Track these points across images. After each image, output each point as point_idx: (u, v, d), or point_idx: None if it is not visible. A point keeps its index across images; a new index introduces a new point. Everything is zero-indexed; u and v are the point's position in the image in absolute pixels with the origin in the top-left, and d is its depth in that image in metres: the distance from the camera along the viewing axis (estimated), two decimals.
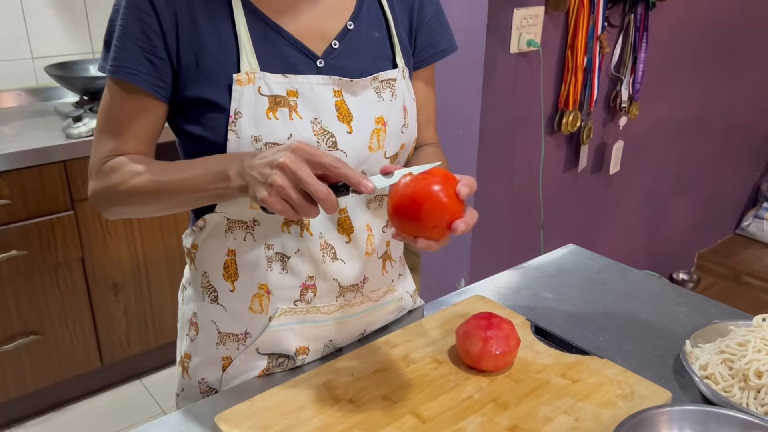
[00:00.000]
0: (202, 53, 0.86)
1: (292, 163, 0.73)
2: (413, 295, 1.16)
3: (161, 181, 0.85)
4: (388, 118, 0.95)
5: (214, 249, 0.94)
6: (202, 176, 0.83)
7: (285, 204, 0.74)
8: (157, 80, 0.86)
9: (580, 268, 1.31)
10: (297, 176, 0.73)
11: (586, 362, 0.99)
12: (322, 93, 0.89)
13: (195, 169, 0.84)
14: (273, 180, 0.73)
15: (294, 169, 0.73)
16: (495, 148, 2.10)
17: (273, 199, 0.73)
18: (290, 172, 0.73)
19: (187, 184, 0.84)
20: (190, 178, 0.83)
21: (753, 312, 1.29)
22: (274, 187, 0.73)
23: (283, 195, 0.73)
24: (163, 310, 2.47)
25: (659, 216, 2.95)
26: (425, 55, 1.05)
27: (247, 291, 0.94)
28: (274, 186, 0.73)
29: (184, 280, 1.04)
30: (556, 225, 2.41)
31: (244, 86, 0.85)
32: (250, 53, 0.86)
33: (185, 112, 0.89)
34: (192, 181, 0.83)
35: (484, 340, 0.94)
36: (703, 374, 0.95)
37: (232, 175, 0.79)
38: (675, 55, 2.59)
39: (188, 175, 0.84)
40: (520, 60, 2.04)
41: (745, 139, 3.25)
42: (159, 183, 0.85)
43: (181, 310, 1.04)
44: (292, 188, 0.73)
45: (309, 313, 0.96)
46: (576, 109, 2.20)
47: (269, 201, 0.73)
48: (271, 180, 0.73)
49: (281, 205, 0.74)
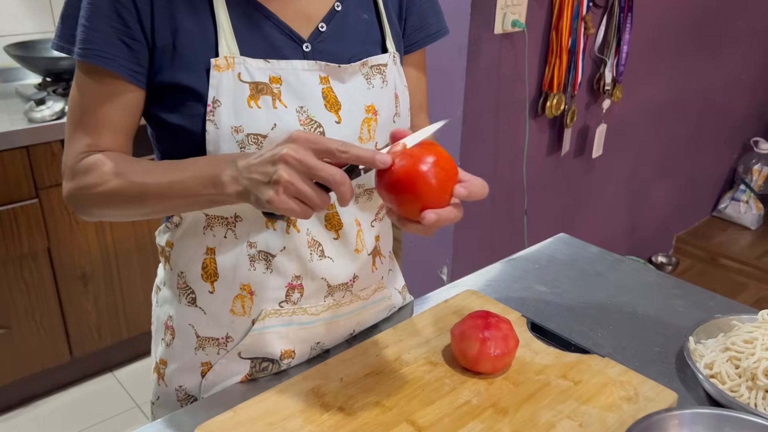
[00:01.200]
0: (178, 34, 0.78)
1: (297, 153, 0.66)
2: (402, 291, 1.10)
3: (147, 183, 0.77)
4: (379, 106, 0.88)
5: (192, 247, 0.87)
6: (191, 180, 0.75)
7: (296, 201, 0.67)
8: (134, 64, 0.78)
9: (572, 258, 1.27)
10: (305, 165, 0.65)
11: (587, 362, 0.94)
12: (308, 80, 0.82)
13: (184, 172, 0.76)
14: (279, 176, 0.66)
15: (300, 159, 0.65)
16: (478, 132, 2.04)
17: (281, 197, 0.66)
18: (296, 163, 0.66)
19: (176, 189, 0.76)
20: (179, 182, 0.76)
21: (729, 294, 1.27)
22: (281, 184, 0.66)
23: (292, 191, 0.66)
24: (135, 300, 2.38)
25: (639, 199, 2.94)
26: (416, 38, 0.99)
27: (228, 292, 0.87)
28: (280, 183, 0.66)
29: (158, 280, 0.97)
30: (539, 210, 2.37)
31: (223, 72, 0.78)
32: (229, 36, 0.79)
33: (160, 99, 0.81)
34: (181, 186, 0.76)
35: (482, 342, 0.88)
36: (708, 373, 0.91)
37: (226, 181, 0.72)
38: (658, 36, 2.55)
39: (177, 178, 0.76)
40: (504, 41, 1.98)
41: (722, 122, 3.25)
42: (144, 186, 0.77)
43: (155, 313, 0.97)
44: (302, 181, 0.66)
45: (295, 314, 0.90)
46: (560, 92, 2.15)
47: (277, 201, 0.66)
48: (277, 176, 0.66)
49: (292, 203, 0.66)
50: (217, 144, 0.79)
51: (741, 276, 3.11)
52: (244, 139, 0.79)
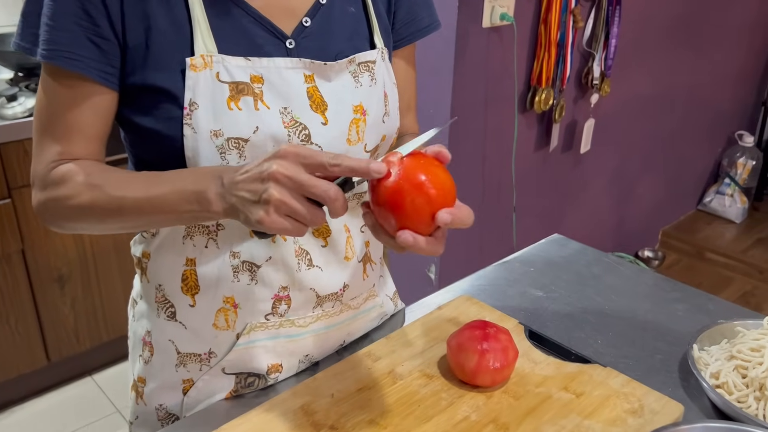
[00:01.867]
0: (151, 32, 0.72)
1: (287, 169, 0.61)
2: (394, 298, 1.05)
3: (124, 197, 0.72)
4: (368, 106, 0.83)
5: (170, 258, 0.82)
6: (173, 195, 0.69)
7: (288, 220, 0.62)
8: (104, 65, 0.72)
9: (569, 261, 1.23)
10: (296, 182, 0.61)
11: (588, 372, 0.90)
12: (292, 78, 0.77)
13: (164, 186, 0.70)
14: (269, 195, 0.61)
15: (290, 175, 0.61)
16: (466, 128, 2.00)
17: (273, 217, 0.61)
18: (287, 180, 0.61)
19: (156, 204, 0.70)
20: (160, 197, 0.70)
21: (715, 289, 1.24)
22: (272, 203, 0.61)
23: (284, 210, 0.61)
24: (114, 302, 2.31)
25: (626, 194, 2.92)
26: (405, 32, 0.93)
27: (211, 305, 0.82)
28: (271, 202, 0.61)
29: (134, 293, 0.91)
30: (527, 206, 2.34)
31: (200, 72, 0.72)
32: (206, 33, 0.73)
33: (133, 101, 0.75)
34: (162, 201, 0.70)
35: (480, 354, 0.84)
36: (714, 383, 0.88)
37: (212, 198, 0.67)
38: (645, 29, 2.52)
39: (157, 192, 0.71)
40: (492, 35, 1.93)
41: (707, 115, 3.23)
42: (121, 200, 0.72)
43: (132, 328, 0.91)
44: (293, 198, 0.61)
45: (282, 327, 0.85)
46: (549, 87, 2.11)
47: (269, 221, 0.61)
48: (267, 195, 0.61)
49: (285, 222, 0.62)
50: (195, 149, 0.73)
51: (727, 270, 3.11)
52: (224, 144, 0.73)
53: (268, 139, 0.75)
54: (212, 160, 0.73)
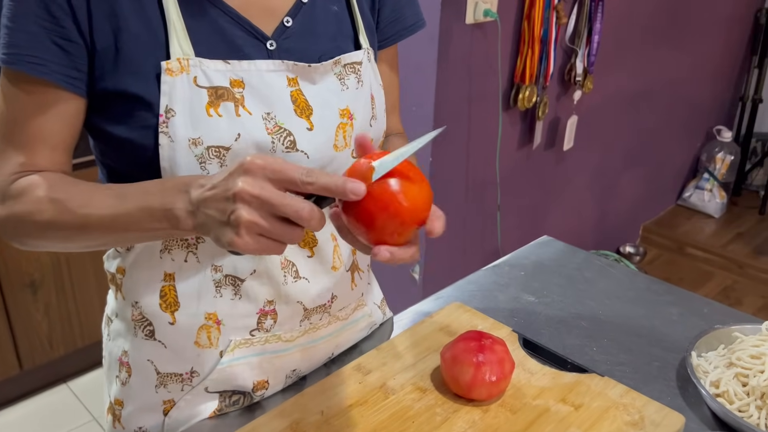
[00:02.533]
0: (121, 34, 0.67)
1: (253, 188, 0.56)
2: (381, 306, 1.02)
3: (88, 215, 0.66)
4: (355, 109, 0.79)
5: (147, 273, 0.77)
6: (140, 213, 0.64)
7: (262, 240, 0.57)
8: (70, 69, 0.67)
9: (560, 264, 1.20)
10: (264, 201, 0.56)
11: (585, 382, 0.87)
12: (274, 82, 0.73)
13: (130, 202, 0.65)
14: (237, 216, 0.56)
15: (258, 194, 0.56)
16: (450, 125, 1.96)
17: (245, 240, 0.56)
18: (253, 199, 0.56)
19: (122, 222, 0.65)
20: (125, 215, 0.65)
21: (696, 284, 1.21)
22: (242, 225, 0.56)
23: (257, 230, 0.56)
24: (89, 307, 2.25)
25: (608, 190, 2.91)
26: (390, 32, 0.89)
27: (192, 323, 0.77)
28: (240, 224, 0.56)
29: (109, 310, 0.86)
30: (510, 204, 2.31)
31: (176, 76, 0.68)
32: (181, 34, 0.68)
33: (104, 108, 0.70)
34: (128, 219, 0.65)
35: (476, 367, 0.81)
36: (714, 392, 0.86)
37: (180, 215, 0.62)
38: (627, 25, 2.51)
39: (122, 209, 0.65)
40: (476, 31, 1.90)
41: (687, 111, 3.24)
42: (85, 218, 0.66)
43: (107, 348, 0.86)
44: (263, 218, 0.56)
45: (268, 342, 0.80)
46: (532, 84, 2.08)
47: (241, 243, 0.56)
48: (235, 217, 0.56)
49: (258, 244, 0.57)
50: (172, 159, 0.68)
51: (707, 265, 3.12)
52: (203, 153, 0.69)
53: (250, 147, 0.71)
54: (191, 170, 0.69)
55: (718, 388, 0.86)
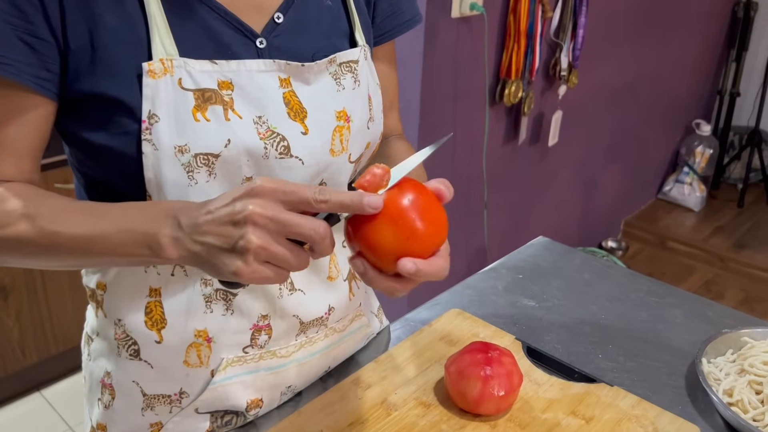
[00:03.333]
0: (98, 31, 0.61)
1: (266, 210, 0.52)
2: (378, 314, 0.97)
3: (60, 234, 0.60)
4: (352, 111, 0.74)
5: (130, 289, 0.71)
6: (119, 236, 0.59)
7: (269, 267, 0.52)
8: (39, 70, 0.61)
9: (558, 266, 1.17)
10: (279, 223, 0.52)
11: (595, 393, 0.84)
12: (265, 83, 0.67)
13: (108, 223, 0.60)
14: (247, 242, 0.51)
15: (271, 216, 0.51)
16: (436, 122, 1.92)
17: (253, 267, 0.52)
18: (268, 222, 0.51)
19: (97, 245, 0.60)
20: (102, 237, 0.59)
21: (679, 278, 1.18)
22: (251, 251, 0.51)
23: (265, 257, 0.52)
24: (63, 312, 2.16)
25: (591, 185, 2.90)
26: (387, 26, 0.84)
27: (180, 341, 0.72)
28: (250, 250, 0.51)
29: (89, 328, 0.79)
30: (495, 201, 2.28)
31: (159, 79, 0.62)
32: (164, 32, 0.63)
33: (80, 113, 0.64)
34: (104, 242, 0.59)
35: (484, 381, 0.76)
36: (728, 400, 0.83)
37: (165, 243, 0.56)
38: (611, 20, 2.49)
39: (99, 231, 0.60)
40: (462, 25, 1.86)
41: (667, 105, 3.24)
42: (56, 237, 0.60)
43: (87, 368, 0.80)
44: (275, 242, 0.52)
45: (263, 359, 0.75)
46: (518, 79, 2.05)
47: (248, 272, 0.52)
48: (245, 242, 0.51)
49: (266, 271, 0.52)
50: (157, 168, 0.63)
51: (689, 259, 3.13)
52: (190, 161, 0.63)
53: (241, 154, 0.65)
54: (177, 179, 0.63)
55: (731, 397, 0.83)
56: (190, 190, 0.64)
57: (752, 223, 3.30)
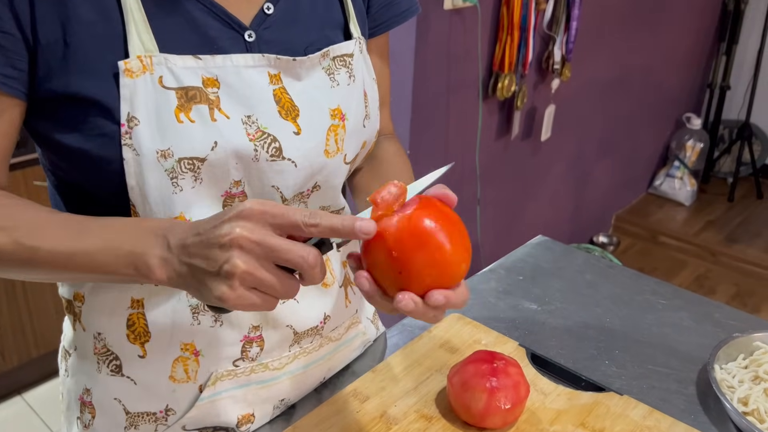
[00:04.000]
0: (70, 26, 0.56)
1: (253, 233, 0.48)
2: (374, 320, 0.92)
3: (38, 249, 0.55)
4: (347, 108, 0.69)
5: (111, 300, 0.66)
6: (103, 254, 0.54)
7: (256, 293, 0.49)
8: (5, 67, 0.56)
9: (558, 266, 1.13)
10: (266, 247, 0.48)
11: (604, 402, 0.80)
12: (254, 79, 0.62)
13: (93, 240, 0.55)
14: (233, 266, 0.47)
15: (258, 240, 0.48)
16: (428, 116, 1.87)
17: (238, 292, 0.48)
18: (254, 246, 0.48)
19: (79, 262, 0.55)
20: (84, 254, 0.55)
21: (670, 273, 1.14)
22: (237, 276, 0.48)
23: (251, 282, 0.48)
24: (44, 314, 2.10)
25: (583, 180, 2.87)
26: (382, 17, 0.79)
27: (166, 355, 0.67)
28: (235, 274, 0.47)
29: (66, 342, 0.74)
30: (488, 196, 2.24)
31: (138, 78, 0.57)
32: (142, 26, 0.57)
33: (52, 114, 0.59)
34: (86, 259, 0.54)
35: (490, 393, 0.72)
36: (743, 410, 0.79)
37: (153, 264, 0.52)
38: (605, 11, 2.45)
39: (81, 247, 0.55)
40: (455, 17, 1.81)
41: (659, 98, 3.22)
42: (34, 252, 0.55)
43: (64, 385, 0.74)
44: (262, 268, 0.48)
45: (254, 372, 0.70)
46: (511, 72, 2.00)
47: (233, 297, 0.48)
48: (230, 266, 0.47)
49: (252, 297, 0.48)
50: (139, 175, 0.58)
51: (680, 253, 3.11)
52: (174, 166, 0.58)
53: (229, 157, 0.60)
54: (161, 187, 0.59)
55: (746, 406, 0.79)
56: (175, 197, 0.60)
57: (743, 217, 3.29)
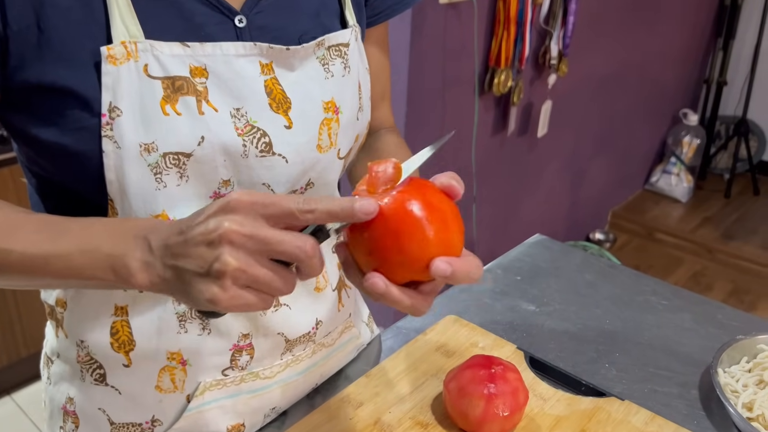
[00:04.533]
0: (45, 10, 0.52)
1: (243, 227, 0.44)
2: (369, 323, 0.90)
3: (11, 252, 0.52)
4: (341, 101, 0.66)
5: (94, 307, 0.63)
6: (80, 257, 0.50)
7: (251, 292, 0.45)
8: None
9: (557, 266, 1.10)
10: (259, 240, 0.44)
11: (605, 408, 0.78)
12: (245, 69, 0.59)
13: (68, 242, 0.51)
14: (224, 263, 0.44)
15: (250, 233, 0.44)
16: (424, 112, 1.85)
17: (231, 293, 0.44)
18: (246, 240, 0.44)
19: (54, 266, 0.51)
20: (59, 257, 0.51)
21: (666, 270, 1.11)
22: (228, 274, 0.44)
23: (245, 280, 0.44)
24: (33, 313, 2.07)
25: (579, 176, 2.85)
26: (381, 6, 0.76)
27: (152, 364, 0.64)
28: (227, 273, 0.44)
29: (48, 349, 0.71)
30: (484, 193, 2.22)
31: (121, 65, 0.54)
32: (126, 11, 0.54)
33: (26, 106, 0.56)
34: (62, 263, 0.51)
35: (487, 399, 0.70)
36: (747, 415, 0.77)
37: (134, 267, 0.48)
38: (602, 5, 2.42)
39: (57, 250, 0.51)
40: (450, 12, 1.78)
41: (655, 94, 3.20)
42: (7, 255, 0.52)
43: (47, 393, 0.72)
44: (256, 263, 0.44)
45: (244, 382, 0.68)
46: (508, 67, 1.98)
47: (226, 298, 0.44)
48: (220, 265, 0.44)
49: (247, 296, 0.45)
50: (120, 170, 0.55)
51: (677, 250, 3.10)
52: (158, 161, 0.55)
53: (217, 153, 0.57)
54: (143, 183, 0.56)
55: (751, 411, 0.77)
56: (158, 194, 0.57)
57: (739, 213, 3.28)
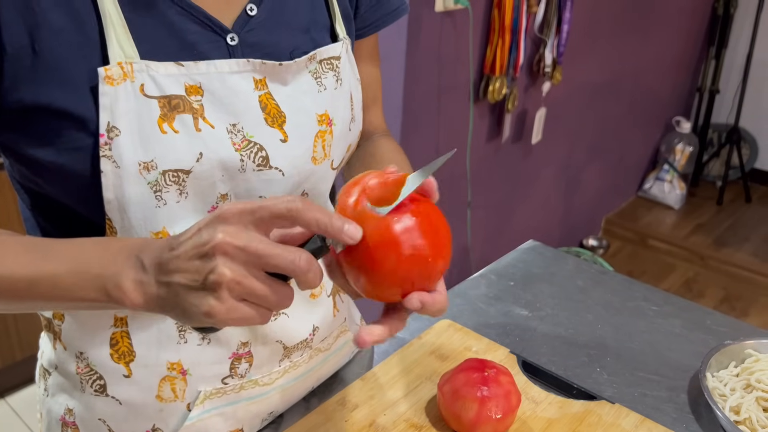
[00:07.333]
0: (40, 31, 0.53)
1: (235, 237, 0.44)
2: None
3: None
4: (334, 113, 0.67)
5: (93, 319, 0.64)
6: (70, 278, 0.51)
7: (247, 304, 0.45)
8: None
9: (550, 272, 1.12)
10: (252, 252, 0.44)
11: (596, 411, 0.79)
12: (239, 85, 0.60)
13: (59, 262, 0.51)
14: (219, 275, 0.44)
15: (242, 245, 0.44)
16: (419, 119, 1.86)
17: (228, 305, 0.44)
18: (238, 252, 0.44)
19: (43, 288, 0.51)
20: (49, 278, 0.51)
21: (659, 277, 1.13)
22: (224, 286, 0.44)
23: (240, 292, 0.44)
24: (28, 318, 2.07)
25: (573, 183, 2.87)
26: (371, 18, 0.77)
27: (152, 375, 0.65)
28: (222, 284, 0.44)
29: (45, 361, 0.71)
30: (478, 200, 2.23)
31: (119, 86, 0.54)
32: (121, 32, 0.55)
33: (21, 126, 0.56)
34: (52, 284, 0.51)
35: (481, 402, 0.71)
36: (735, 419, 0.78)
37: (127, 287, 0.48)
38: (595, 15, 2.45)
39: (47, 271, 0.51)
40: (446, 20, 1.80)
41: (649, 102, 3.23)
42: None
43: (44, 405, 0.72)
44: (250, 275, 0.44)
45: (243, 389, 0.69)
46: (502, 75, 2.00)
47: (222, 311, 0.44)
48: (215, 276, 0.44)
49: (244, 309, 0.45)
50: (119, 189, 0.56)
51: (669, 257, 3.12)
52: (158, 179, 0.56)
53: (215, 168, 0.58)
54: (143, 201, 0.56)
55: (738, 415, 0.78)
56: (159, 211, 0.57)
57: (732, 221, 3.31)
